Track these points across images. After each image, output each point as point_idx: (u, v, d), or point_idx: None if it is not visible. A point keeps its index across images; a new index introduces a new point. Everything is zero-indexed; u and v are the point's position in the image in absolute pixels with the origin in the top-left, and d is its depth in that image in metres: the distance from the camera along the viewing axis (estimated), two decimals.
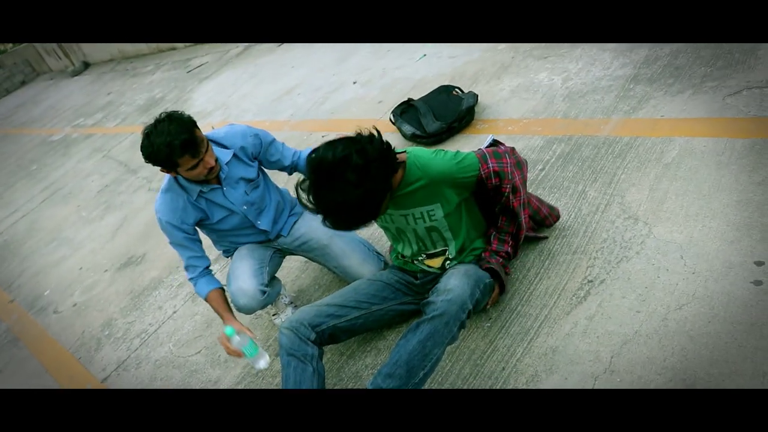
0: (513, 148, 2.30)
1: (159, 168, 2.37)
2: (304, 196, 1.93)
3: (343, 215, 1.94)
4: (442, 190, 2.16)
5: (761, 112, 2.73)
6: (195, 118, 2.42)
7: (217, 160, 2.44)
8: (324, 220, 1.96)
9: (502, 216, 2.33)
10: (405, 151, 2.17)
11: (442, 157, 2.14)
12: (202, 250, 2.67)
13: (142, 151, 2.33)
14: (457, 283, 2.10)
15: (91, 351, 3.60)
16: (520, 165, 2.27)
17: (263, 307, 2.65)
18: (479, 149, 2.29)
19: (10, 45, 23.90)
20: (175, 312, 3.55)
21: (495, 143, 2.41)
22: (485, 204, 2.37)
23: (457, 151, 2.20)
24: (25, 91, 16.90)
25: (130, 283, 4.16)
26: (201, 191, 2.53)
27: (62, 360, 3.65)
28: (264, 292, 2.59)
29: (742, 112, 2.79)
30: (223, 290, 2.63)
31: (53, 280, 4.79)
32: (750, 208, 2.30)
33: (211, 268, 2.70)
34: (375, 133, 1.98)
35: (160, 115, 2.35)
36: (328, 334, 2.29)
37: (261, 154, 2.68)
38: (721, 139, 2.68)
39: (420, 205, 2.19)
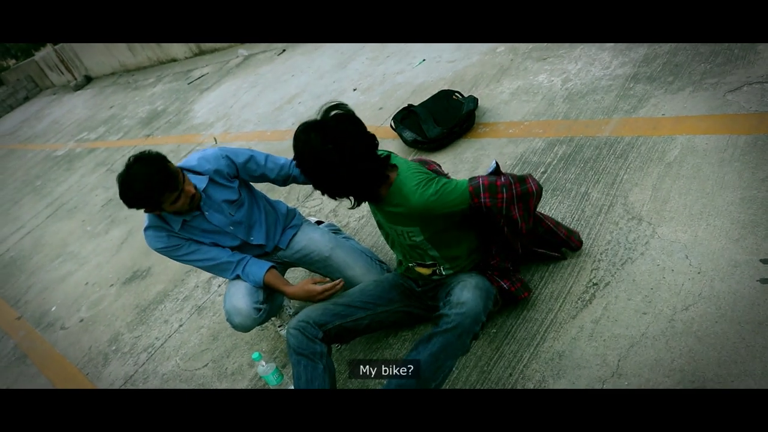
0: (523, 178, 2.13)
1: (143, 210, 2.38)
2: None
3: (308, 163, 2.01)
4: (421, 219, 2.12)
5: (763, 107, 2.72)
6: (197, 130, 2.42)
7: (195, 187, 2.44)
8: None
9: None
10: (397, 168, 2.12)
11: (422, 193, 2.05)
12: (214, 246, 2.64)
13: (122, 198, 2.31)
14: (470, 296, 2.08)
15: (98, 366, 3.60)
16: (527, 196, 2.11)
17: (261, 323, 2.65)
18: (479, 177, 2.12)
19: (13, 61, 24.07)
20: (181, 325, 3.55)
21: (497, 171, 2.31)
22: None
23: (450, 180, 2.11)
24: (29, 107, 17.00)
25: (136, 297, 4.16)
26: (185, 220, 2.51)
27: (70, 376, 3.65)
28: (259, 310, 2.57)
29: (744, 108, 2.77)
30: (275, 268, 2.65)
31: (60, 296, 4.79)
32: (755, 205, 2.28)
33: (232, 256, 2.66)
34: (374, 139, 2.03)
35: (129, 159, 2.34)
36: (334, 333, 2.31)
37: (240, 172, 2.63)
38: (723, 136, 2.67)
39: (400, 225, 2.17)
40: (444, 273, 2.30)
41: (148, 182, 2.25)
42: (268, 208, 2.78)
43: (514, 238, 2.20)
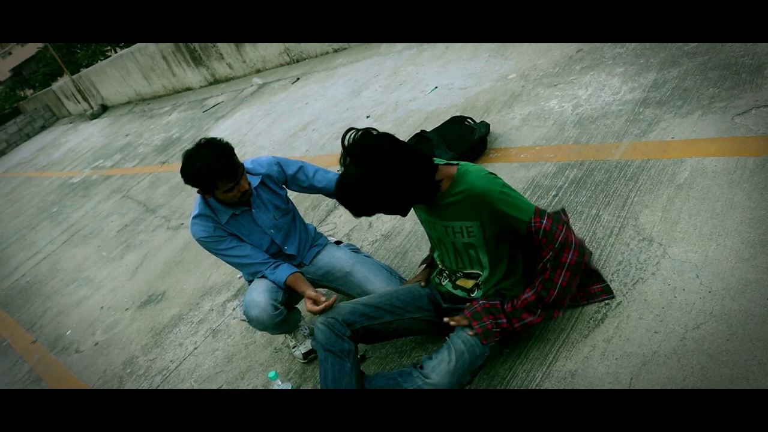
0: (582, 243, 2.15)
1: (197, 189, 2.55)
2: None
3: (347, 193, 2.05)
4: (482, 211, 2.10)
5: None
6: None
7: (249, 185, 2.60)
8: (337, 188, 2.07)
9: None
10: (458, 164, 2.15)
11: (491, 179, 2.08)
12: (254, 247, 2.77)
13: (182, 173, 2.48)
14: (439, 380, 2.13)
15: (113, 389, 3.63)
16: (583, 249, 2.11)
17: (276, 326, 2.68)
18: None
19: (30, 91, 24.53)
20: (195, 348, 3.58)
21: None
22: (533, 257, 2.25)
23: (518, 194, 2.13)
24: (46, 136, 17.29)
25: (150, 320, 4.20)
26: (233, 213, 2.67)
27: None
28: (276, 308, 2.63)
29: (752, 131, 2.80)
30: (301, 274, 2.74)
31: (75, 320, 4.85)
32: (764, 225, 2.30)
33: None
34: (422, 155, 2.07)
35: (201, 140, 2.51)
36: (361, 334, 2.31)
37: (289, 181, 2.82)
38: (732, 158, 2.70)
39: (460, 219, 2.15)
40: (480, 287, 2.31)
41: (210, 166, 2.41)
42: (302, 228, 2.95)
43: (551, 281, 2.13)
